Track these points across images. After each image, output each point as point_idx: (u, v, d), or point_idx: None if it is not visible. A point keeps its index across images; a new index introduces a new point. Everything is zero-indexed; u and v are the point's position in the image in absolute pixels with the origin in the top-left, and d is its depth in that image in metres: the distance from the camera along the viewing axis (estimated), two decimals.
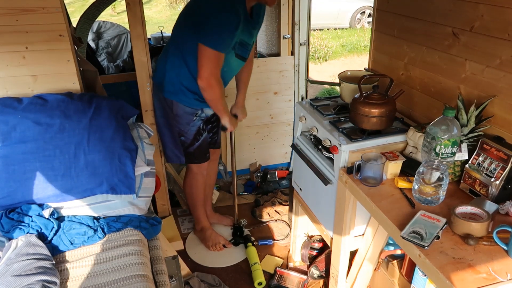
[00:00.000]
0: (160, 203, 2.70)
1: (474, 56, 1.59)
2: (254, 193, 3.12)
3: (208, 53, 1.88)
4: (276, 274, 2.35)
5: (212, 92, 1.99)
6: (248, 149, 3.28)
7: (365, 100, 1.74)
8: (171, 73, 2.09)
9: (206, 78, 1.92)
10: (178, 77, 2.08)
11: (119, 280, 1.52)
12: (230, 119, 2.20)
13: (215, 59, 1.90)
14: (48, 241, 1.65)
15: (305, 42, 3.03)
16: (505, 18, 1.44)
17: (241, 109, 2.40)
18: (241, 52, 2.07)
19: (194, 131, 2.23)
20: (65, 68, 1.99)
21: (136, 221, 1.82)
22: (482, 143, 1.50)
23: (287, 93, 3.18)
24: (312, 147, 1.98)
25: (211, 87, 1.96)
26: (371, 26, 2.26)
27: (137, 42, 2.23)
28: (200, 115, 2.22)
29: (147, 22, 2.53)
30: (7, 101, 1.82)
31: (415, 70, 1.93)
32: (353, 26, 8.67)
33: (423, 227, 1.31)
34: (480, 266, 1.19)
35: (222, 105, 2.10)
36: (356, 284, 1.92)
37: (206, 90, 1.98)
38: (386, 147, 1.74)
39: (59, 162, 1.73)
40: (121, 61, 4.01)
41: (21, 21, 1.84)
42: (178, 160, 2.33)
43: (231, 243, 2.59)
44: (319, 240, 2.34)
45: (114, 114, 1.90)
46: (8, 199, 1.69)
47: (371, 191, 1.57)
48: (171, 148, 2.31)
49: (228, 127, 2.23)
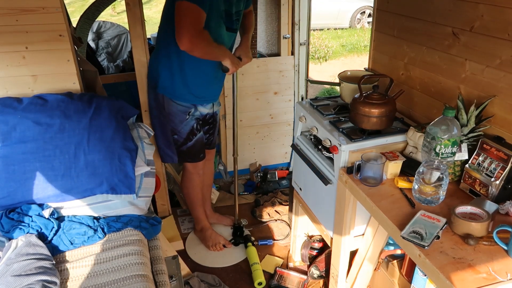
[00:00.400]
0: (160, 203, 2.70)
1: (474, 56, 1.59)
2: (254, 193, 3.12)
3: (186, 6, 1.75)
4: (276, 274, 2.35)
5: (200, 49, 1.88)
6: (248, 149, 3.28)
7: (365, 100, 1.74)
8: (163, 67, 2.08)
9: (187, 40, 1.79)
10: (171, 69, 2.07)
11: (119, 280, 1.52)
12: (231, 59, 2.07)
13: (194, 14, 1.77)
14: (48, 241, 1.65)
15: (305, 42, 3.03)
16: (505, 18, 1.44)
17: (245, 51, 2.21)
18: (230, 23, 2.03)
19: (187, 130, 2.22)
20: (65, 68, 1.99)
21: (136, 221, 1.82)
22: (482, 143, 1.50)
23: (287, 93, 3.18)
24: (312, 147, 1.98)
25: (196, 45, 1.84)
26: (371, 26, 2.26)
27: (137, 42, 2.23)
28: (193, 113, 2.21)
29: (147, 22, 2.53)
30: (7, 101, 1.82)
31: (415, 70, 1.93)
32: (353, 26, 8.67)
33: (423, 227, 1.31)
34: (480, 266, 1.19)
35: (216, 53, 2.00)
36: (356, 284, 1.92)
37: (192, 51, 1.86)
38: (386, 147, 1.74)
39: (59, 162, 1.73)
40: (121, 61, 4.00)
41: (21, 21, 1.84)
42: (170, 160, 2.33)
43: (231, 243, 2.58)
44: (319, 240, 2.34)
45: (114, 114, 1.90)
46: (8, 199, 1.69)
47: (371, 191, 1.57)
48: (162, 148, 2.31)
49: (230, 68, 2.08)
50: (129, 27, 2.21)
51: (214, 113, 2.38)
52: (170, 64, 2.06)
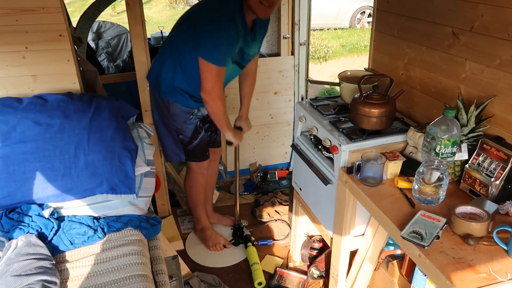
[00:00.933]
0: (160, 203, 2.70)
1: (474, 56, 1.59)
2: (254, 193, 3.12)
3: (209, 67, 1.89)
4: (276, 274, 2.35)
5: (215, 105, 2.01)
6: (248, 149, 3.28)
7: (365, 100, 1.74)
8: (166, 76, 2.09)
9: (208, 92, 1.95)
10: (173, 81, 2.08)
11: (119, 280, 1.52)
12: (233, 133, 2.21)
13: (216, 72, 1.92)
14: (48, 241, 1.65)
15: (305, 42, 3.03)
16: (505, 18, 1.44)
17: (245, 121, 2.40)
18: (239, 59, 2.07)
19: (191, 129, 2.23)
20: (65, 68, 1.99)
21: (136, 221, 1.82)
22: (482, 143, 1.50)
23: (287, 93, 3.18)
24: (312, 147, 1.98)
25: (214, 100, 1.99)
26: (371, 26, 2.26)
27: (137, 42, 2.23)
28: (196, 113, 2.23)
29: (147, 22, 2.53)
30: (7, 101, 1.82)
31: (415, 70, 1.93)
32: (353, 26, 8.66)
33: (423, 227, 1.31)
34: (480, 266, 1.19)
35: (224, 120, 2.11)
36: (356, 284, 1.92)
37: (208, 103, 2.01)
38: (386, 147, 1.74)
39: (59, 162, 1.73)
40: (121, 61, 4.01)
41: (21, 21, 1.84)
42: (178, 158, 2.33)
43: (231, 243, 2.58)
44: (319, 240, 2.34)
45: (114, 114, 1.90)
46: (8, 199, 1.69)
47: (371, 191, 1.57)
48: (170, 147, 2.31)
49: (233, 141, 2.23)
50: (129, 27, 2.21)
51: None
52: (173, 70, 2.07)
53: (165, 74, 2.10)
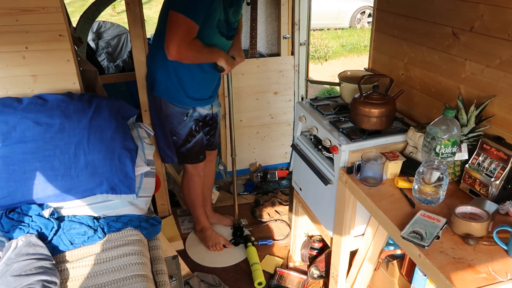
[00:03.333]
0: (160, 203, 2.70)
1: (474, 56, 1.59)
2: (254, 193, 3.12)
3: (178, 18, 1.76)
4: (276, 274, 2.35)
5: (188, 59, 1.92)
6: (248, 149, 3.28)
7: (365, 100, 1.74)
8: (159, 70, 2.08)
9: (175, 51, 1.79)
10: (167, 73, 2.06)
11: (119, 280, 1.52)
12: (226, 59, 2.07)
13: (186, 27, 1.78)
14: (48, 241, 1.65)
15: (305, 42, 3.03)
16: (505, 18, 1.44)
17: (237, 51, 2.23)
18: (228, 31, 2.03)
19: (185, 132, 2.22)
20: (65, 68, 1.99)
21: (136, 221, 1.82)
22: (482, 143, 1.50)
23: (287, 93, 3.18)
24: (312, 147, 1.98)
25: (184, 55, 1.86)
26: (371, 26, 2.26)
27: (137, 42, 2.23)
28: (192, 114, 2.21)
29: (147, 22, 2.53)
30: (7, 101, 1.82)
31: (415, 70, 1.93)
32: (353, 26, 8.67)
33: (423, 227, 1.31)
34: (480, 266, 1.19)
35: (207, 57, 2.00)
36: (356, 284, 1.92)
37: (181, 60, 1.90)
38: (386, 147, 1.74)
39: (59, 162, 1.73)
40: (121, 61, 4.00)
41: (21, 21, 1.84)
42: (171, 160, 2.33)
43: (231, 243, 2.59)
44: (319, 240, 2.34)
45: (114, 114, 1.90)
46: (8, 199, 1.69)
47: (371, 191, 1.57)
48: (163, 149, 2.31)
49: (225, 67, 2.08)
50: (129, 27, 2.21)
51: (214, 114, 2.37)
52: (166, 67, 2.05)
53: (158, 68, 2.08)
